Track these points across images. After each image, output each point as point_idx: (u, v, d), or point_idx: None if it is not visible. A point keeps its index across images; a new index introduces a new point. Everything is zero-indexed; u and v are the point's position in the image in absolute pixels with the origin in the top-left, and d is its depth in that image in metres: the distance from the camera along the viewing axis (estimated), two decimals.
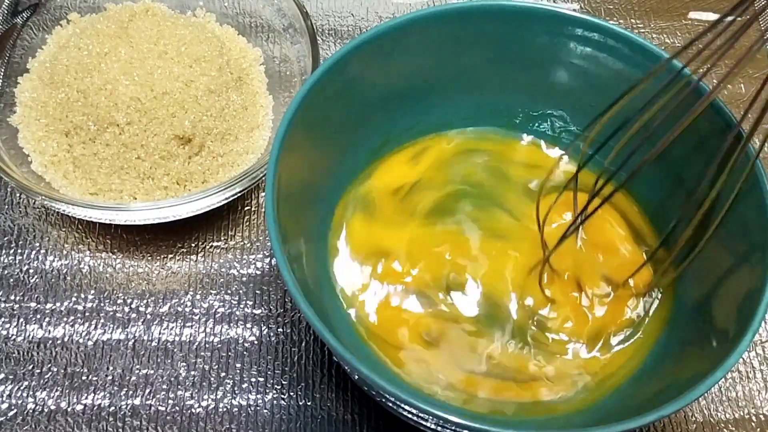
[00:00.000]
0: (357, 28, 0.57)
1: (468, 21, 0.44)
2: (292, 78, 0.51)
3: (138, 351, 0.44)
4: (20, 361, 0.43)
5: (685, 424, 0.43)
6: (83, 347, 0.44)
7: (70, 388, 0.43)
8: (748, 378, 0.45)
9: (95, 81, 0.45)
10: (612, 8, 0.60)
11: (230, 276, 0.46)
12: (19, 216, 0.48)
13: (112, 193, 0.46)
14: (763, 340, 0.46)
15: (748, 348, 0.36)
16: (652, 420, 0.33)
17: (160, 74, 0.46)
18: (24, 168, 0.46)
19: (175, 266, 0.47)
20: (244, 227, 0.48)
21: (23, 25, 0.50)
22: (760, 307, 0.35)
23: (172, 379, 0.43)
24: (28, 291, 0.45)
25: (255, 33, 0.53)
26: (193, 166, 0.46)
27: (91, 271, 0.46)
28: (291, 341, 0.44)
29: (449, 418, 0.32)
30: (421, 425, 0.36)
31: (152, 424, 0.42)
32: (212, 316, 0.45)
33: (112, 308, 0.45)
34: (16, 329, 0.44)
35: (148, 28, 0.48)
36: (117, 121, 0.45)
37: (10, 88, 0.49)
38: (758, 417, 0.44)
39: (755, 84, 0.56)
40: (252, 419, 0.42)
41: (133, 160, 0.45)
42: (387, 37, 0.43)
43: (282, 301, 0.46)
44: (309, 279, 0.40)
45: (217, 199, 0.45)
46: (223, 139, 0.47)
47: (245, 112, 0.49)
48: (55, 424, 0.42)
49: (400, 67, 0.44)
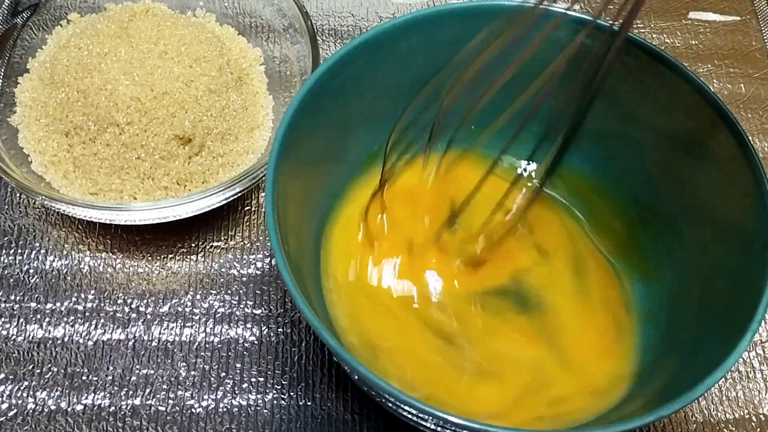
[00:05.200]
0: (357, 28, 0.57)
1: (468, 21, 0.44)
2: (292, 78, 0.51)
3: (138, 351, 0.44)
4: (20, 361, 0.43)
5: (685, 424, 0.43)
6: (83, 347, 0.44)
7: (70, 388, 0.43)
8: (748, 378, 0.45)
9: (95, 81, 0.45)
10: (612, 8, 0.59)
11: (230, 276, 0.46)
12: (19, 216, 0.48)
13: (112, 193, 0.46)
14: (763, 340, 0.46)
15: (748, 348, 0.36)
16: (652, 420, 0.33)
17: (160, 74, 0.46)
18: (24, 168, 0.46)
19: (175, 266, 0.47)
20: (244, 227, 0.48)
21: (23, 25, 0.50)
22: (760, 307, 0.35)
23: (172, 379, 0.43)
24: (28, 291, 0.45)
25: (255, 33, 0.53)
26: (193, 166, 0.46)
27: (91, 271, 0.46)
28: (291, 341, 0.44)
29: (449, 418, 0.32)
30: (420, 425, 0.36)
31: (152, 424, 0.42)
32: (212, 316, 0.45)
33: (113, 308, 0.45)
34: (16, 329, 0.44)
35: (148, 28, 0.48)
36: (117, 121, 0.45)
37: (10, 88, 0.49)
38: (758, 417, 0.44)
39: (755, 84, 0.56)
40: (252, 419, 0.42)
41: (133, 160, 0.45)
42: (387, 37, 0.43)
43: (282, 301, 0.46)
44: (309, 279, 0.40)
45: (217, 199, 0.45)
46: (223, 139, 0.47)
47: (245, 112, 0.49)
48: (55, 424, 0.42)
49: (400, 68, 0.44)
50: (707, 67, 0.57)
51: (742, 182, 0.39)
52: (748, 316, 0.35)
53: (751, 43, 0.58)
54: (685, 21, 0.59)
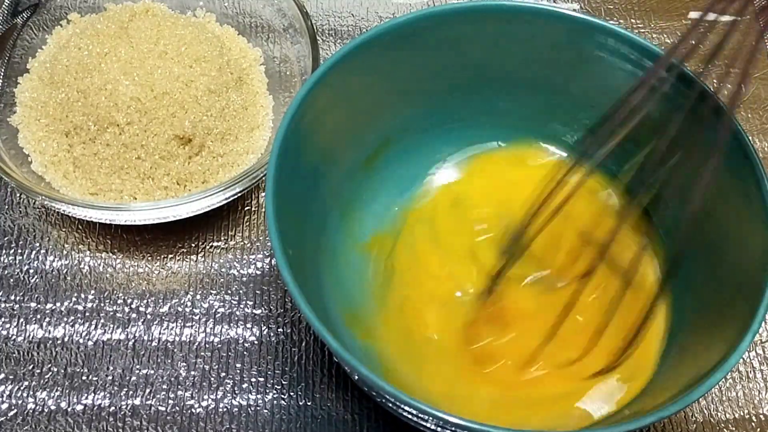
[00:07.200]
0: (357, 28, 0.57)
1: (469, 21, 0.44)
2: (292, 78, 0.51)
3: (138, 351, 0.44)
4: (20, 361, 0.43)
5: (685, 424, 0.43)
6: (83, 347, 0.44)
7: (70, 388, 0.43)
8: (748, 378, 0.45)
9: (95, 81, 0.45)
10: (612, 8, 0.59)
11: (230, 276, 0.46)
12: (19, 216, 0.48)
13: (112, 193, 0.46)
14: (763, 340, 0.46)
15: (748, 348, 0.36)
16: (652, 420, 0.33)
17: (160, 74, 0.46)
18: (24, 168, 0.46)
19: (175, 266, 0.47)
20: (244, 227, 0.48)
21: (23, 25, 0.50)
22: (760, 307, 0.35)
23: (172, 379, 0.43)
24: (28, 291, 0.45)
25: (255, 33, 0.53)
26: (193, 166, 0.46)
27: (91, 271, 0.46)
28: (291, 341, 0.44)
29: (449, 418, 0.32)
30: (420, 425, 0.36)
31: (152, 424, 0.42)
32: (212, 316, 0.45)
33: (112, 308, 0.45)
34: (16, 329, 0.44)
35: (148, 28, 0.48)
36: (117, 121, 0.45)
37: (10, 88, 0.49)
38: (758, 417, 0.44)
39: (755, 84, 0.56)
40: (252, 419, 0.42)
41: (133, 160, 0.45)
42: (387, 37, 0.43)
43: (282, 301, 0.46)
44: (309, 279, 0.40)
45: (217, 199, 0.45)
46: (223, 139, 0.47)
47: (245, 112, 0.49)
48: (55, 424, 0.42)
49: (400, 68, 0.44)
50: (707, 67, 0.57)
51: (742, 182, 0.39)
52: (749, 316, 0.35)
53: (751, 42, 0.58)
54: (685, 21, 0.59)
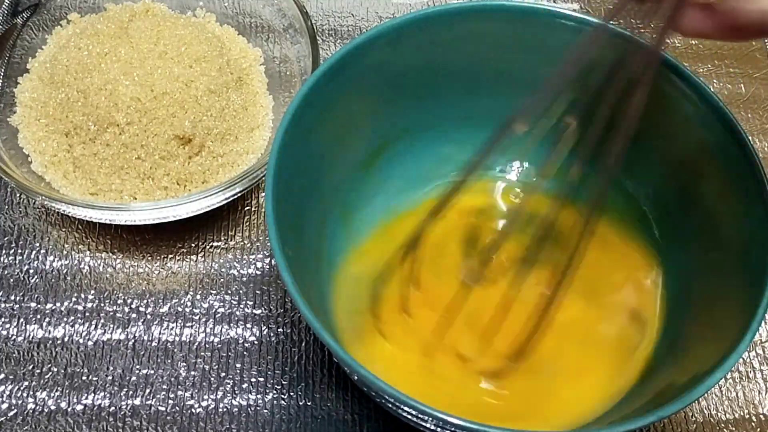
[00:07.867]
0: (357, 28, 0.57)
1: (469, 21, 0.44)
2: (292, 78, 0.51)
3: (138, 351, 0.44)
4: (20, 361, 0.43)
5: (685, 424, 0.43)
6: (83, 347, 0.44)
7: (70, 388, 0.43)
8: (748, 378, 0.45)
9: (95, 81, 0.45)
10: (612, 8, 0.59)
11: (230, 276, 0.46)
12: (19, 216, 0.48)
13: (112, 193, 0.46)
14: (763, 340, 0.46)
15: (748, 348, 0.36)
16: (652, 420, 0.33)
17: (160, 74, 0.46)
18: (24, 168, 0.46)
19: (175, 266, 0.47)
20: (244, 227, 0.48)
21: (23, 25, 0.50)
22: (760, 307, 0.35)
23: (172, 380, 0.43)
24: (28, 291, 0.45)
25: (255, 33, 0.53)
26: (193, 166, 0.46)
27: (91, 271, 0.46)
28: (291, 341, 0.44)
29: (449, 419, 0.32)
30: (420, 426, 0.36)
31: (152, 424, 0.42)
32: (212, 316, 0.45)
33: (112, 308, 0.45)
34: (16, 329, 0.44)
35: (148, 29, 0.48)
36: (117, 121, 0.45)
37: (10, 88, 0.49)
38: (758, 417, 0.44)
39: (755, 84, 0.56)
40: (252, 419, 0.42)
41: (133, 160, 0.45)
42: (387, 37, 0.43)
43: (282, 301, 0.46)
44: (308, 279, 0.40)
45: (217, 199, 0.45)
46: (223, 139, 0.47)
47: (245, 112, 0.49)
48: (55, 424, 0.42)
49: (400, 68, 0.44)
50: (707, 67, 0.57)
51: (742, 182, 0.39)
52: (748, 316, 0.35)
53: (751, 43, 0.58)
54: None
